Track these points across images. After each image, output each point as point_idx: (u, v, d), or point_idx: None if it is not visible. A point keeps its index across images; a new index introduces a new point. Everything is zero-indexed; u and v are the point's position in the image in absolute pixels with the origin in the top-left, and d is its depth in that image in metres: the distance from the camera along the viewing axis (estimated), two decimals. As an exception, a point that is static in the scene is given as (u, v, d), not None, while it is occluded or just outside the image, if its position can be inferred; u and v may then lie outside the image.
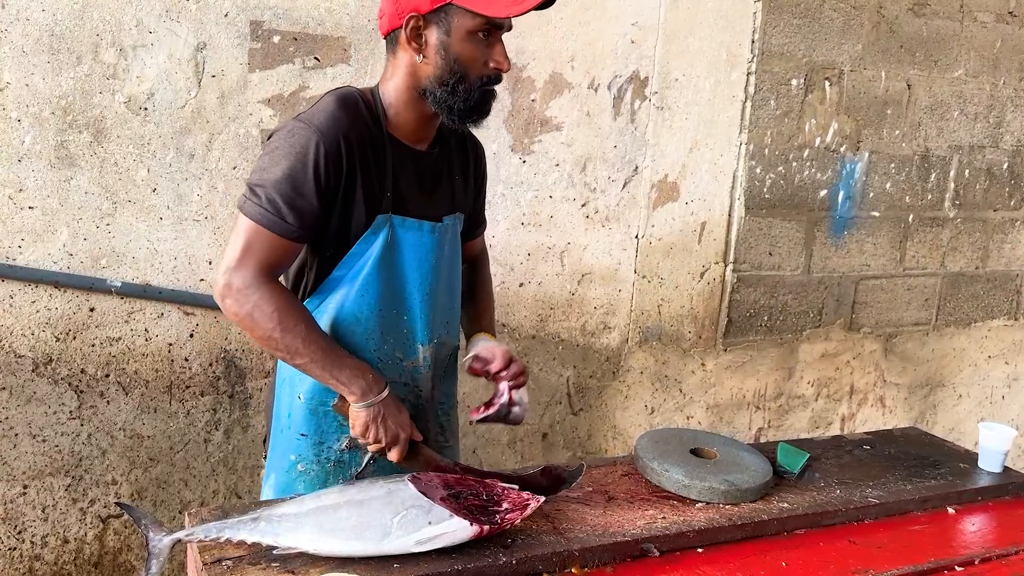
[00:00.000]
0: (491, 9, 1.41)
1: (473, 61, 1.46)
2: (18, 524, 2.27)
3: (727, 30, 2.88)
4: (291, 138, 1.43)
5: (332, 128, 1.43)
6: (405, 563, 1.30)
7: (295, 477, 1.59)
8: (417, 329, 1.60)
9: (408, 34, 1.45)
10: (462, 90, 1.47)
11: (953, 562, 1.54)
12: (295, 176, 1.41)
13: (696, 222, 2.99)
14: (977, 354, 3.77)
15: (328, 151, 1.42)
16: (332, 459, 1.59)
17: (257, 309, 1.40)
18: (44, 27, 2.07)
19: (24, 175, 2.11)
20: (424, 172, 1.59)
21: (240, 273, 1.40)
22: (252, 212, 1.41)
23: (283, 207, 1.41)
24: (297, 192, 1.41)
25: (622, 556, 1.44)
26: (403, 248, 1.54)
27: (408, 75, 1.50)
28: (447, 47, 1.44)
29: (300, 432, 1.58)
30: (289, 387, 1.59)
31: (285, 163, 1.41)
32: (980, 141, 3.49)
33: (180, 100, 2.22)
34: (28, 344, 2.19)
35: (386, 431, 1.48)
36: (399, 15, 1.45)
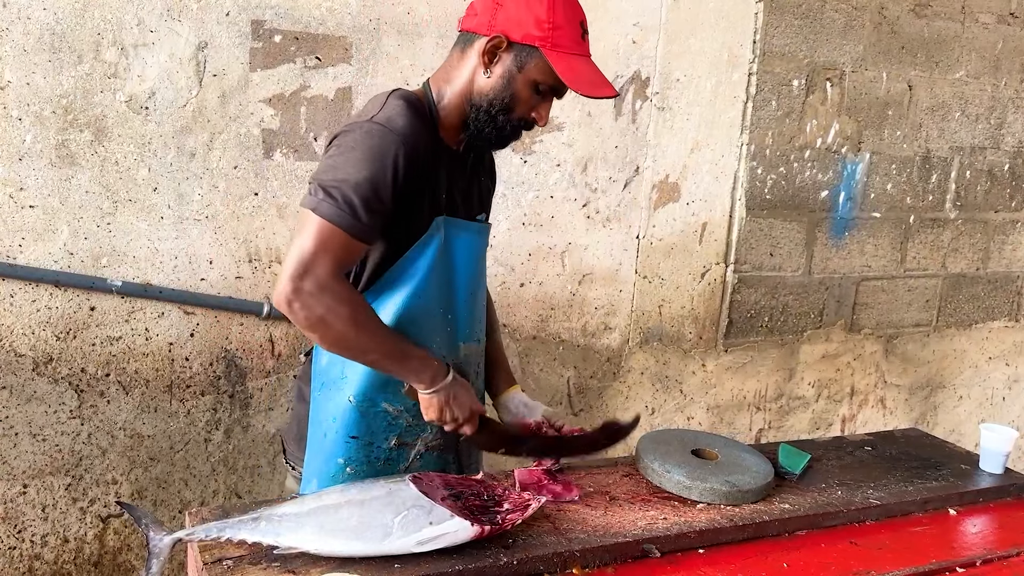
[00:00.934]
0: (570, 79, 1.44)
1: (525, 104, 1.50)
2: (18, 523, 2.27)
3: (728, 31, 2.88)
4: (371, 140, 1.41)
5: (412, 134, 1.43)
6: (406, 563, 1.30)
7: (343, 479, 1.57)
8: (459, 328, 1.63)
9: (486, 48, 1.47)
10: (501, 120, 1.50)
11: (954, 564, 1.54)
12: (375, 179, 1.39)
13: (697, 223, 2.99)
14: (978, 355, 3.77)
15: (409, 157, 1.42)
16: (382, 458, 1.59)
17: (331, 312, 1.37)
18: (45, 26, 2.07)
19: (25, 174, 2.11)
20: (463, 173, 1.61)
21: (313, 276, 1.36)
22: (328, 212, 1.37)
23: (360, 209, 1.38)
24: (376, 195, 1.39)
25: (623, 557, 1.44)
26: (456, 249, 1.56)
27: (468, 81, 1.51)
28: (512, 80, 1.47)
29: (350, 435, 1.56)
30: (335, 391, 1.56)
31: (365, 164, 1.39)
32: (981, 142, 3.49)
33: (181, 99, 2.21)
34: (28, 343, 2.19)
35: (460, 409, 1.52)
36: (490, 27, 1.46)
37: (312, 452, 1.61)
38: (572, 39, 1.46)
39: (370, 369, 1.52)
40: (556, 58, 1.44)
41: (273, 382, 2.44)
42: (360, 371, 1.53)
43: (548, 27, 1.43)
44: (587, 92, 1.45)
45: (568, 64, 1.44)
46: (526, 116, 1.52)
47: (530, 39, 1.44)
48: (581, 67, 1.46)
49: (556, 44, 1.44)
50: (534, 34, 1.44)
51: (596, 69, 1.49)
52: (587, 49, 1.50)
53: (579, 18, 1.48)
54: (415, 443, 1.61)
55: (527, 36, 1.44)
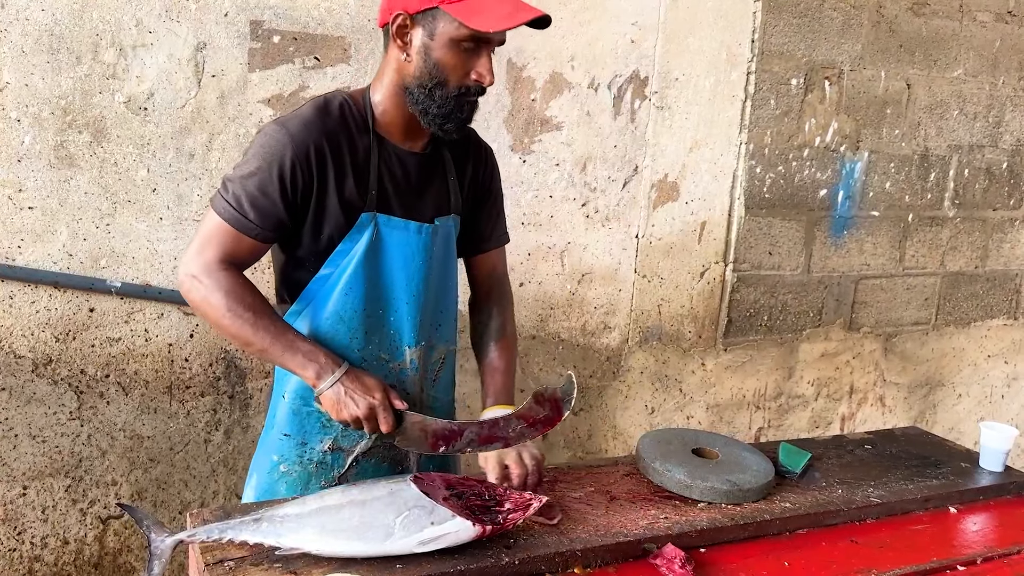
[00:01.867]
0: (476, 22, 1.38)
1: (454, 69, 1.43)
2: (18, 525, 2.27)
3: (727, 30, 2.88)
4: (264, 140, 1.46)
5: (303, 135, 1.44)
6: (408, 563, 1.30)
7: (277, 478, 1.59)
8: (404, 330, 1.59)
9: (394, 31, 1.44)
10: (439, 95, 1.45)
11: (955, 562, 1.54)
12: (262, 178, 1.44)
13: (696, 222, 2.99)
14: (977, 353, 3.77)
15: (296, 158, 1.43)
16: (315, 460, 1.59)
17: (210, 295, 1.43)
18: (44, 27, 2.06)
19: (24, 175, 2.11)
20: (413, 172, 1.57)
21: (197, 261, 1.44)
22: (217, 206, 1.46)
23: (246, 205, 1.44)
24: (262, 193, 1.44)
25: (624, 556, 1.44)
26: (388, 247, 1.53)
27: (395, 72, 1.49)
28: (429, 51, 1.43)
29: (283, 432, 1.58)
30: (276, 387, 1.60)
31: (254, 164, 1.44)
32: (979, 140, 3.50)
33: (180, 100, 2.21)
34: (28, 345, 2.19)
35: (356, 404, 1.42)
36: (389, 10, 1.45)
37: (258, 447, 1.64)
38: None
39: None
40: (457, 8, 1.37)
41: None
42: None
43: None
44: (501, 26, 1.37)
45: (467, 8, 1.38)
46: (463, 82, 1.44)
47: (426, 2, 1.39)
48: (486, 4, 1.38)
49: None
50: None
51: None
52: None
53: None
54: (352, 449, 1.59)
55: (422, 1, 1.39)
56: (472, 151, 1.70)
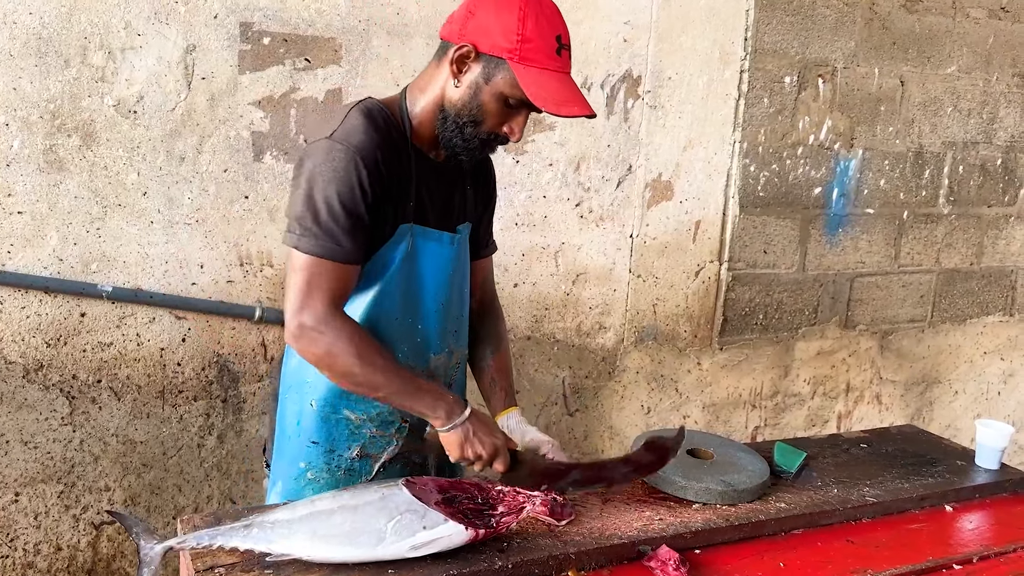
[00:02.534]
0: (536, 95, 1.39)
1: (493, 116, 1.46)
2: (10, 532, 2.26)
3: (720, 28, 2.87)
4: (332, 161, 1.40)
5: (367, 147, 1.42)
6: (400, 569, 1.29)
7: (304, 485, 1.57)
8: (431, 338, 1.60)
9: (455, 57, 1.43)
10: (468, 133, 1.47)
11: (951, 560, 1.53)
12: (344, 199, 1.39)
13: (690, 221, 2.98)
14: (973, 350, 3.77)
15: (369, 168, 1.41)
16: (343, 467, 1.57)
17: (334, 346, 1.39)
18: (31, 30, 2.05)
19: (13, 180, 2.10)
20: (441, 182, 1.58)
21: (308, 312, 1.38)
22: (309, 246, 1.39)
23: (339, 233, 1.39)
24: (350, 215, 1.40)
25: (619, 558, 1.43)
26: (423, 258, 1.54)
27: (440, 90, 1.49)
28: (479, 91, 1.44)
29: (311, 439, 1.55)
30: (297, 394, 1.56)
31: (332, 188, 1.39)
32: (974, 137, 3.49)
33: (170, 103, 2.20)
34: (19, 350, 2.18)
35: (483, 445, 1.47)
36: (461, 36, 1.43)
37: (277, 454, 1.60)
38: (544, 53, 1.39)
39: None
40: (523, 72, 1.38)
41: (266, 386, 2.43)
42: (323, 376, 1.50)
43: (517, 39, 1.38)
44: (552, 110, 1.39)
45: (535, 79, 1.39)
46: (496, 130, 1.47)
47: (497, 50, 1.39)
48: (550, 83, 1.40)
49: (524, 57, 1.38)
50: (502, 45, 1.39)
51: (570, 86, 1.43)
52: (563, 65, 1.42)
53: (555, 32, 1.41)
54: (380, 455, 1.58)
55: (495, 47, 1.40)
56: (483, 160, 1.70)
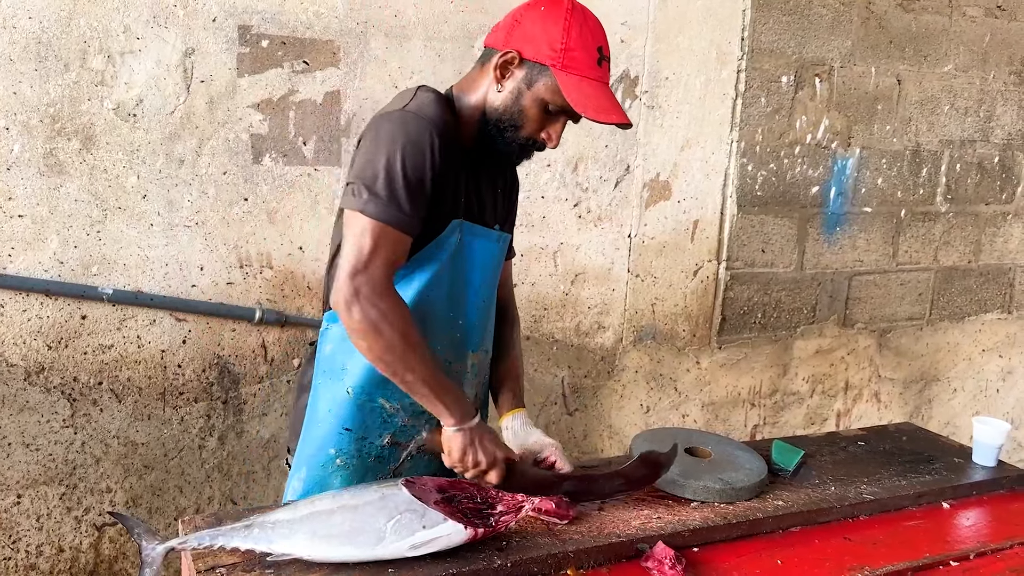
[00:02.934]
0: (578, 103, 1.43)
1: (533, 122, 1.50)
2: (12, 534, 2.27)
3: (717, 28, 2.88)
4: (406, 128, 1.41)
5: (440, 120, 1.45)
6: (400, 568, 1.30)
7: (332, 471, 1.57)
8: (470, 335, 1.62)
9: (499, 63, 1.48)
10: (509, 136, 1.51)
11: (948, 557, 1.54)
12: (416, 165, 1.40)
13: (688, 220, 2.99)
14: (971, 348, 3.78)
15: (440, 142, 1.42)
16: (373, 454, 1.58)
17: (385, 319, 1.37)
18: (31, 34, 2.06)
19: (13, 183, 2.11)
20: (483, 182, 1.61)
21: (369, 276, 1.36)
22: (375, 211, 1.37)
23: (404, 201, 1.39)
24: (419, 182, 1.40)
25: (617, 557, 1.44)
26: (471, 254, 1.56)
27: (483, 94, 1.53)
28: (521, 96, 1.48)
29: (344, 426, 1.55)
30: (332, 380, 1.55)
31: (404, 154, 1.39)
32: (971, 135, 3.50)
33: (169, 106, 2.21)
34: (20, 353, 2.19)
35: (485, 454, 1.48)
36: (506, 43, 1.48)
37: (305, 441, 1.60)
38: (586, 63, 1.44)
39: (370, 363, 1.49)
40: (565, 79, 1.43)
41: (266, 387, 2.44)
42: (361, 363, 1.51)
43: (561, 48, 1.43)
44: (593, 116, 1.44)
45: (577, 86, 1.44)
46: (535, 135, 1.51)
47: (541, 58, 1.45)
48: (591, 91, 1.45)
49: (567, 66, 1.43)
50: (546, 53, 1.44)
51: (609, 95, 1.48)
52: (603, 75, 1.48)
53: (597, 44, 1.46)
54: (408, 444, 1.60)
55: (539, 55, 1.45)
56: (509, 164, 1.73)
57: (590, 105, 1.44)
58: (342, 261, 1.39)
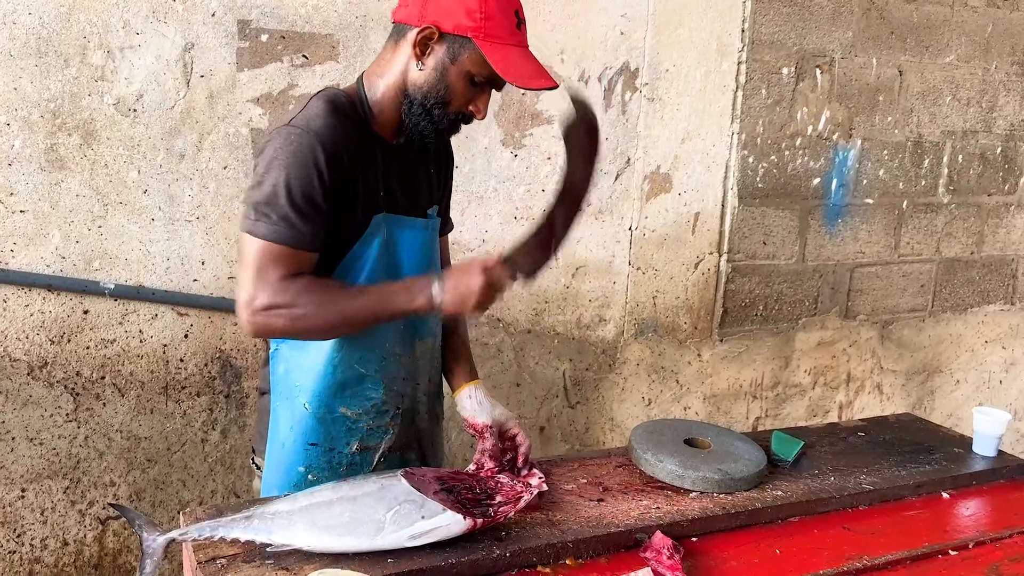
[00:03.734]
0: (504, 71, 1.40)
1: (460, 95, 1.47)
2: (17, 527, 2.28)
3: (717, 20, 2.88)
4: (290, 146, 1.39)
5: (329, 133, 1.41)
6: (399, 558, 1.31)
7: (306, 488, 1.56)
8: (416, 325, 1.61)
9: (418, 40, 1.44)
10: (437, 114, 1.48)
11: (947, 546, 1.55)
12: (303, 183, 1.38)
13: (689, 213, 2.99)
14: (974, 339, 3.77)
15: (329, 154, 1.40)
16: (344, 463, 1.57)
17: (295, 310, 1.37)
18: (31, 30, 2.07)
19: (15, 179, 2.12)
20: (404, 167, 1.58)
21: (263, 293, 1.36)
22: (265, 231, 1.37)
23: (295, 218, 1.37)
24: (307, 199, 1.38)
25: (616, 547, 1.45)
26: (400, 246, 1.54)
27: (401, 74, 1.49)
28: (445, 71, 1.44)
29: (309, 442, 1.55)
30: (288, 399, 1.55)
31: (289, 172, 1.38)
32: (973, 126, 3.49)
33: (169, 101, 2.21)
34: (23, 348, 2.20)
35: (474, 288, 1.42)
36: (421, 18, 1.43)
37: (271, 463, 1.58)
38: (506, 29, 1.42)
39: (324, 374, 1.50)
40: (490, 49, 1.40)
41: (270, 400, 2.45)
42: (313, 377, 1.50)
43: (480, 17, 1.40)
44: (523, 84, 1.42)
45: (503, 54, 1.41)
46: (463, 109, 1.48)
47: (462, 29, 1.40)
48: (516, 57, 1.43)
49: (489, 34, 1.40)
50: (466, 24, 1.40)
51: (533, 59, 1.46)
52: (523, 39, 1.46)
53: (513, 7, 1.44)
54: (378, 446, 1.59)
55: (458, 26, 1.41)
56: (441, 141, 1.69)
57: (519, 73, 1.41)
58: (237, 288, 1.39)
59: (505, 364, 2.79)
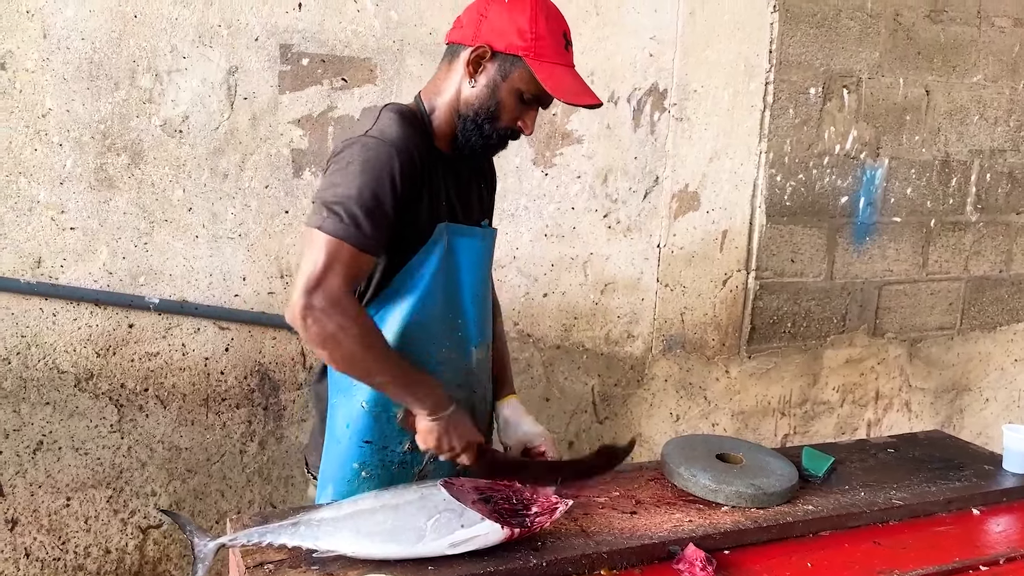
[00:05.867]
0: (553, 88, 1.49)
1: (509, 112, 1.54)
2: (62, 535, 2.35)
3: (744, 41, 2.92)
4: (367, 152, 1.46)
5: (405, 142, 1.48)
6: (440, 565, 1.35)
7: (359, 484, 1.61)
8: (471, 332, 1.67)
9: (471, 58, 1.52)
10: (488, 129, 1.56)
11: (978, 562, 1.56)
12: (376, 190, 1.44)
13: (717, 230, 3.02)
14: (1003, 358, 3.75)
15: (404, 165, 1.47)
16: (396, 461, 1.63)
17: (342, 329, 1.41)
18: (84, 55, 2.15)
19: (65, 197, 2.20)
20: (461, 180, 1.66)
21: (322, 292, 1.40)
22: (333, 228, 1.41)
23: (363, 221, 1.42)
24: (378, 205, 1.44)
25: (650, 558, 1.47)
26: (460, 254, 1.60)
27: (455, 91, 1.57)
28: (497, 88, 1.52)
29: (363, 440, 1.60)
30: (346, 397, 1.60)
31: (364, 178, 1.44)
32: (1001, 145, 3.50)
33: (214, 122, 2.29)
34: (70, 360, 2.27)
35: (459, 439, 1.53)
36: (474, 38, 1.52)
37: (327, 458, 1.65)
38: (554, 49, 1.50)
39: None
40: (539, 67, 1.48)
41: (305, 394, 2.51)
42: None
43: (531, 37, 1.48)
44: (570, 100, 1.50)
45: (550, 73, 1.49)
46: (512, 125, 1.56)
47: (513, 48, 1.49)
48: (563, 76, 1.51)
49: (539, 54, 1.48)
50: (517, 44, 1.48)
51: (579, 78, 1.54)
52: (570, 59, 1.54)
53: (562, 29, 1.53)
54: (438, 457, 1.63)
55: (510, 46, 1.49)
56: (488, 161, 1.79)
57: (566, 91, 1.50)
58: (297, 277, 1.42)
59: (535, 379, 2.83)
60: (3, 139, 2.12)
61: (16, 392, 2.24)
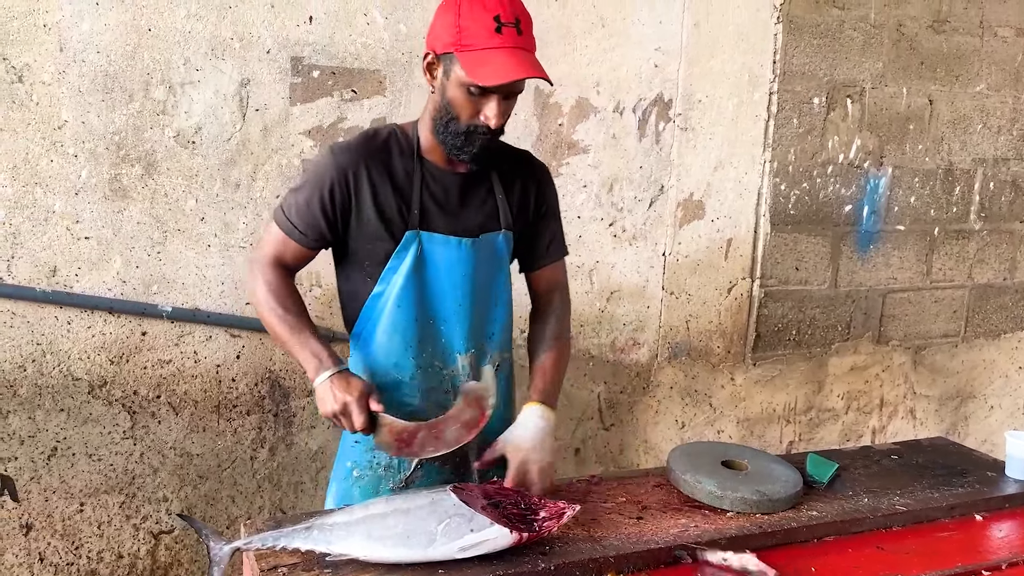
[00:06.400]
0: (477, 75, 1.50)
1: (463, 108, 1.56)
2: (75, 540, 2.38)
3: (749, 52, 2.95)
4: (316, 162, 1.75)
5: (344, 159, 1.63)
6: (450, 569, 1.37)
7: (351, 484, 1.72)
8: (455, 338, 1.71)
9: (424, 66, 1.61)
10: (452, 129, 1.59)
11: (980, 567, 1.57)
12: (307, 193, 1.63)
13: (722, 239, 3.05)
14: (1008, 365, 3.77)
15: (336, 179, 1.62)
16: (382, 464, 1.71)
17: (256, 285, 1.65)
18: (99, 68, 2.20)
19: (80, 207, 2.24)
20: (455, 191, 1.69)
21: (256, 256, 1.69)
22: (275, 217, 1.68)
23: (293, 215, 1.64)
24: (306, 205, 1.63)
25: (656, 563, 1.50)
26: (433, 261, 1.66)
27: (429, 103, 1.66)
28: (445, 89, 1.58)
29: (354, 439, 1.70)
30: None
31: (306, 183, 1.65)
32: (1004, 153, 3.52)
33: (226, 133, 2.33)
34: (84, 367, 2.31)
35: (334, 400, 1.53)
36: (427, 47, 1.60)
37: (336, 458, 1.78)
38: (480, 35, 1.49)
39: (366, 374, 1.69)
40: (464, 57, 1.50)
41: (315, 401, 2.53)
42: (359, 374, 1.64)
43: (456, 31, 1.51)
44: (488, 81, 1.49)
45: (475, 59, 1.49)
46: (473, 120, 1.57)
47: (446, 47, 1.54)
48: (488, 59, 1.49)
49: (464, 44, 1.51)
50: (448, 41, 1.53)
51: (515, 57, 1.50)
52: (505, 40, 1.50)
53: (492, 13, 1.50)
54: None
55: (445, 45, 1.54)
56: (523, 171, 1.79)
57: (486, 72, 1.49)
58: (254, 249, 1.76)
59: (541, 386, 2.85)
60: (20, 150, 2.17)
61: (31, 399, 2.28)
